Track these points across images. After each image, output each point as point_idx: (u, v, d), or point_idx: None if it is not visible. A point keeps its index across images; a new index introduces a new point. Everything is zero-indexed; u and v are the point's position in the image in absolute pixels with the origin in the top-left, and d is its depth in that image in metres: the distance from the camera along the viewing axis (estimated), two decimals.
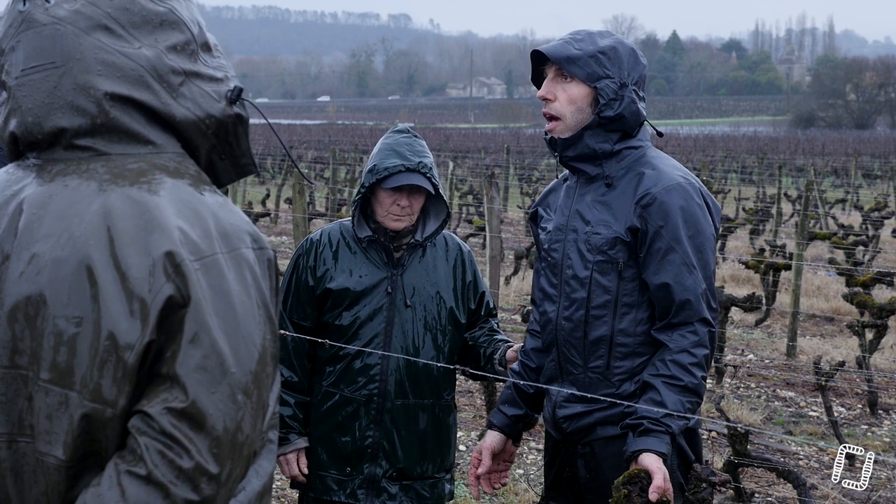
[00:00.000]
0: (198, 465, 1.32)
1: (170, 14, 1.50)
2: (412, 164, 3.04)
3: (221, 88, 1.53)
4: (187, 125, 1.49)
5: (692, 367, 2.66)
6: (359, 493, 3.14)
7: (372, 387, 3.12)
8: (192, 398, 1.33)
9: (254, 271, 1.43)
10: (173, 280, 1.34)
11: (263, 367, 1.40)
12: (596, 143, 2.76)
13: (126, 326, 1.33)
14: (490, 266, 8.40)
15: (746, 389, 7.80)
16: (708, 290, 2.72)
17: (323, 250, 3.18)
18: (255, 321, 1.40)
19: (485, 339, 3.22)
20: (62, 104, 1.44)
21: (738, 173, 31.63)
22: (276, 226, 17.90)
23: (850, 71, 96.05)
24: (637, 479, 2.52)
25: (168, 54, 1.48)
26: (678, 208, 2.69)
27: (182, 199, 1.41)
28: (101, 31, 1.45)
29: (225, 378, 1.35)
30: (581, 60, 2.72)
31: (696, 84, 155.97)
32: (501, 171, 23.23)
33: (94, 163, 1.44)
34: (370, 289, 3.13)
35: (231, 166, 1.58)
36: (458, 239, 3.35)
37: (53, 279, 1.36)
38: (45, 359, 1.35)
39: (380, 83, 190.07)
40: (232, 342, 1.36)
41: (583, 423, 2.80)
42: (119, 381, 1.34)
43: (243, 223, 1.45)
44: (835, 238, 12.60)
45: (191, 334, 1.34)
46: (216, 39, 1.57)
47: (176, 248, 1.35)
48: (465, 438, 6.32)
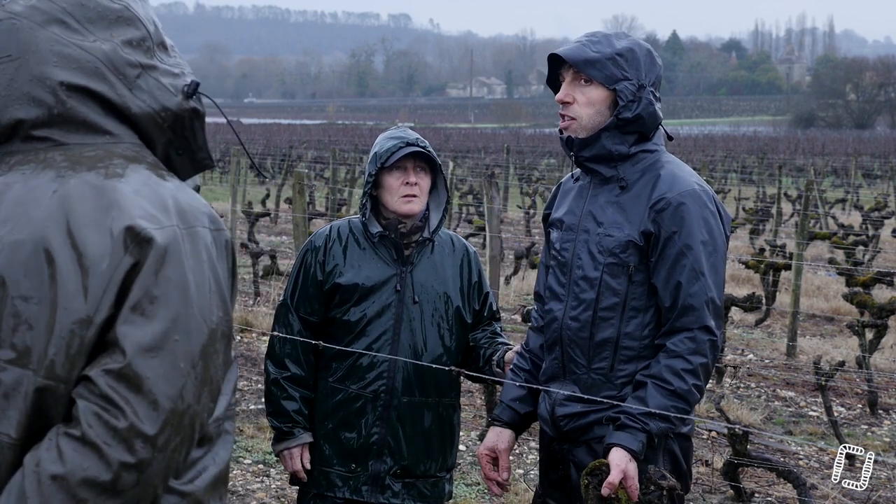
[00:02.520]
0: (132, 426, 1.32)
1: (125, 11, 1.53)
2: (411, 139, 3.13)
3: (178, 82, 1.55)
4: (143, 117, 1.51)
5: (685, 373, 2.65)
6: (363, 490, 3.15)
7: (379, 383, 3.14)
8: (129, 360, 1.33)
9: (209, 250, 1.44)
10: (131, 252, 1.36)
11: (213, 343, 1.41)
12: (613, 145, 2.76)
13: (82, 303, 1.35)
14: (490, 266, 8.40)
15: (746, 389, 7.80)
16: (715, 298, 2.72)
17: (332, 245, 3.20)
18: (207, 297, 1.41)
19: (486, 340, 3.23)
20: (19, 96, 1.46)
21: (738, 173, 31.63)
22: (276, 226, 17.90)
23: (850, 71, 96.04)
24: (598, 472, 2.55)
25: (124, 48, 1.50)
26: (692, 214, 2.70)
27: (140, 180, 1.43)
28: (56, 25, 1.47)
29: (167, 343, 1.35)
30: (599, 63, 2.72)
31: (696, 84, 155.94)
32: (501, 171, 23.23)
33: (51, 152, 1.45)
34: (379, 285, 3.15)
35: (188, 160, 1.60)
36: (463, 240, 3.38)
37: (11, 261, 1.37)
38: (4, 340, 1.36)
39: (380, 83, 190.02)
40: (180, 311, 1.37)
41: (580, 423, 2.80)
42: (73, 357, 1.35)
43: (201, 205, 1.47)
44: (835, 238, 12.60)
45: (135, 300, 1.35)
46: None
47: (134, 221, 1.37)
48: (465, 438, 6.32)
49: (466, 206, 17.65)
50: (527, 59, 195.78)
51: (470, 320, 3.26)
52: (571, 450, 2.84)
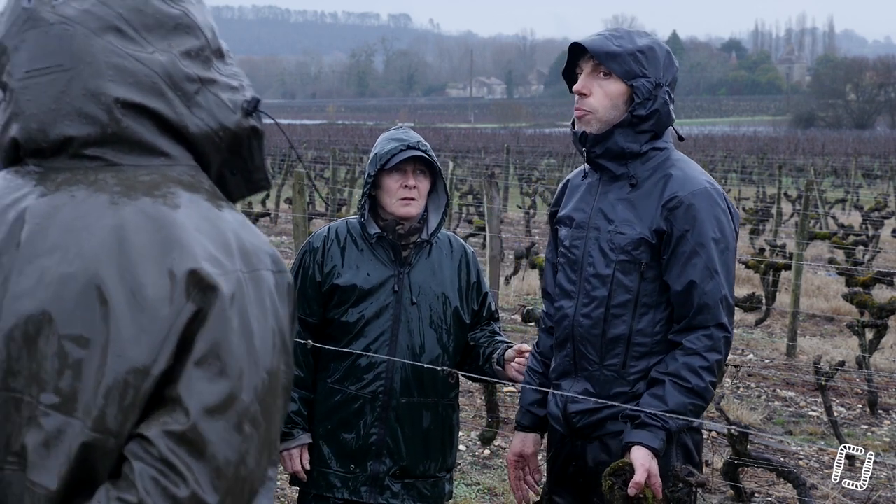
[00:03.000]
0: (194, 495, 1.21)
1: (184, 17, 1.40)
2: (412, 142, 3.13)
3: (237, 98, 1.43)
4: (201, 137, 1.39)
5: (702, 370, 2.68)
6: (362, 491, 3.15)
7: (378, 384, 3.14)
8: (194, 421, 1.21)
9: (272, 296, 1.32)
10: (194, 299, 1.24)
11: (275, 399, 1.30)
12: (625, 143, 2.76)
13: (139, 351, 1.22)
14: (490, 266, 8.40)
15: (746, 389, 7.80)
16: (728, 296, 2.74)
17: (331, 247, 3.20)
18: (271, 348, 1.29)
19: (485, 339, 3.24)
20: (70, 111, 1.33)
21: (738, 173, 31.63)
22: (276, 226, 17.90)
23: (850, 71, 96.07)
24: (621, 472, 2.57)
25: (182, 60, 1.38)
26: (705, 212, 2.71)
27: (200, 213, 1.31)
28: (112, 33, 1.34)
29: (233, 404, 1.24)
30: (620, 57, 2.72)
31: (696, 84, 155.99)
32: (501, 171, 23.23)
33: (103, 173, 1.33)
34: (377, 286, 3.15)
35: (243, 181, 1.47)
36: (461, 240, 3.38)
37: (59, 296, 1.24)
38: (47, 382, 1.24)
39: (380, 83, 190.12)
40: (245, 367, 1.25)
41: (594, 419, 2.81)
42: (126, 409, 1.23)
43: (264, 244, 1.35)
44: (835, 238, 12.60)
45: (199, 355, 1.23)
46: None
47: (199, 265, 1.24)
48: (465, 438, 6.32)
49: (466, 206, 17.65)
50: (527, 59, 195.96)
51: (468, 321, 3.26)
52: (584, 446, 2.86)
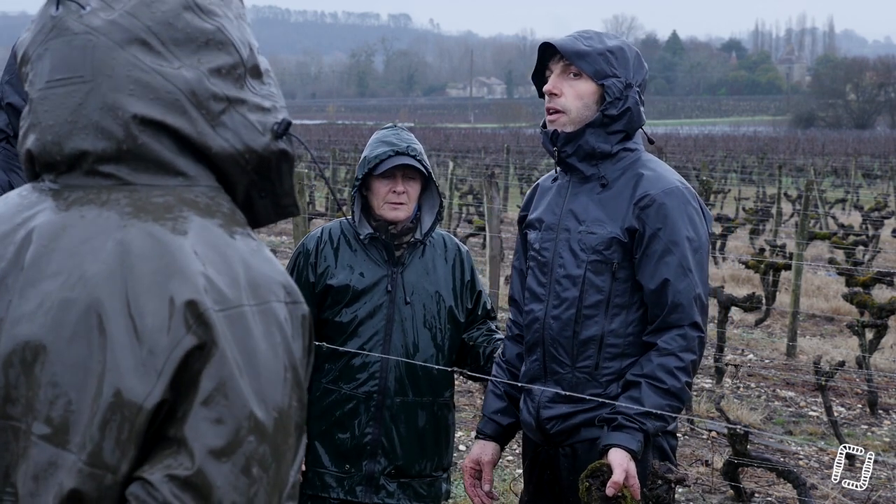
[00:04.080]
0: None
1: (217, 33, 1.33)
2: (401, 148, 3.10)
3: (268, 120, 1.36)
4: (224, 157, 1.32)
5: (678, 371, 2.66)
6: (357, 490, 3.14)
7: (372, 384, 3.13)
8: (199, 466, 1.16)
9: (283, 329, 1.25)
10: (194, 332, 1.18)
11: (285, 439, 1.24)
12: (596, 143, 2.76)
13: (136, 383, 1.17)
14: (490, 266, 8.41)
15: (746, 389, 7.80)
16: (702, 294, 2.72)
17: (324, 247, 3.20)
18: (281, 385, 1.23)
19: (483, 338, 3.23)
20: (86, 124, 1.28)
21: (738, 173, 31.63)
22: (276, 226, 17.91)
23: (850, 71, 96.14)
24: (599, 473, 2.56)
25: (210, 77, 1.32)
26: (677, 211, 2.70)
27: (209, 241, 1.25)
28: (137, 46, 1.29)
29: (240, 446, 1.18)
30: (590, 57, 2.73)
31: (696, 84, 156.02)
32: (501, 171, 23.24)
33: (116, 192, 1.28)
34: (370, 286, 3.15)
35: (271, 205, 1.41)
36: (456, 240, 3.37)
37: (57, 323, 1.20)
38: (40, 411, 1.19)
39: (380, 83, 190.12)
40: (253, 406, 1.20)
41: (568, 424, 2.79)
42: (123, 443, 1.17)
43: (276, 273, 1.28)
44: (835, 238, 12.59)
45: (205, 394, 1.18)
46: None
47: (198, 296, 1.19)
48: (465, 438, 6.31)
49: (466, 206, 17.65)
50: (527, 59, 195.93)
51: (463, 319, 3.25)
52: (559, 454, 2.83)
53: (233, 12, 1.37)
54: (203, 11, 1.33)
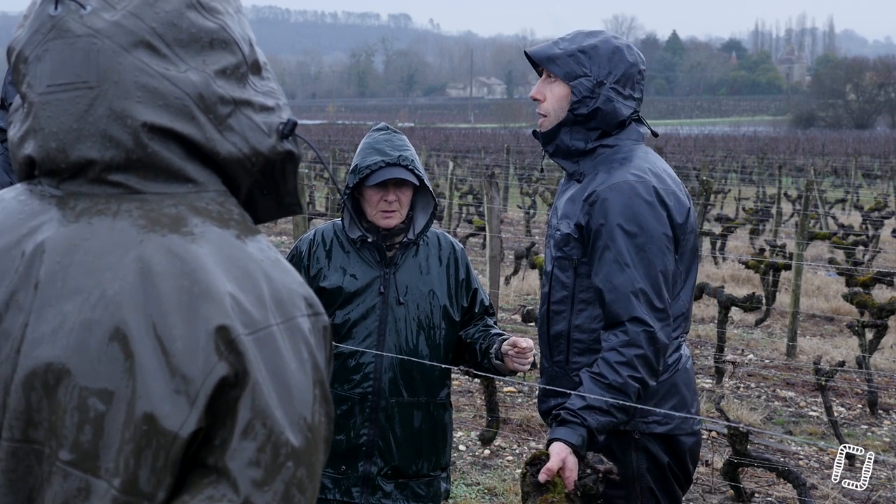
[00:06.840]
0: None
1: (221, 32, 1.30)
2: (392, 159, 3.07)
3: (272, 120, 1.33)
4: (232, 162, 1.30)
5: (618, 365, 2.67)
6: (353, 492, 3.14)
7: (366, 385, 3.13)
8: (245, 497, 1.14)
9: (309, 344, 1.23)
10: (226, 358, 1.15)
11: (318, 456, 1.23)
12: (571, 141, 2.82)
13: (170, 410, 1.13)
14: (490, 266, 8.40)
15: (746, 389, 7.80)
16: (646, 288, 2.69)
17: (316, 249, 3.20)
18: (311, 404, 1.21)
19: (480, 335, 3.22)
20: (92, 132, 1.24)
21: (738, 173, 31.63)
22: (276, 226, 17.90)
23: (850, 71, 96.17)
24: (537, 462, 2.64)
25: (216, 80, 1.28)
26: (618, 206, 2.71)
27: (229, 255, 1.22)
28: (142, 49, 1.25)
29: (279, 474, 1.16)
30: (560, 59, 2.79)
31: (696, 84, 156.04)
32: (501, 171, 23.24)
33: (126, 202, 1.24)
34: (363, 288, 3.15)
35: (274, 202, 1.39)
36: (450, 238, 3.36)
37: (80, 345, 1.16)
38: (66, 437, 1.15)
39: (380, 83, 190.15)
40: (287, 430, 1.18)
41: (548, 420, 2.85)
42: (159, 471, 1.14)
43: (297, 285, 1.27)
44: (835, 238, 12.59)
45: (244, 423, 1.15)
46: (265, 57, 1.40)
47: (228, 321, 1.16)
48: (465, 438, 6.31)
49: (466, 206, 17.65)
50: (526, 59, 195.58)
51: (458, 318, 3.24)
52: None
53: (232, 7, 1.35)
54: (206, 9, 1.30)
